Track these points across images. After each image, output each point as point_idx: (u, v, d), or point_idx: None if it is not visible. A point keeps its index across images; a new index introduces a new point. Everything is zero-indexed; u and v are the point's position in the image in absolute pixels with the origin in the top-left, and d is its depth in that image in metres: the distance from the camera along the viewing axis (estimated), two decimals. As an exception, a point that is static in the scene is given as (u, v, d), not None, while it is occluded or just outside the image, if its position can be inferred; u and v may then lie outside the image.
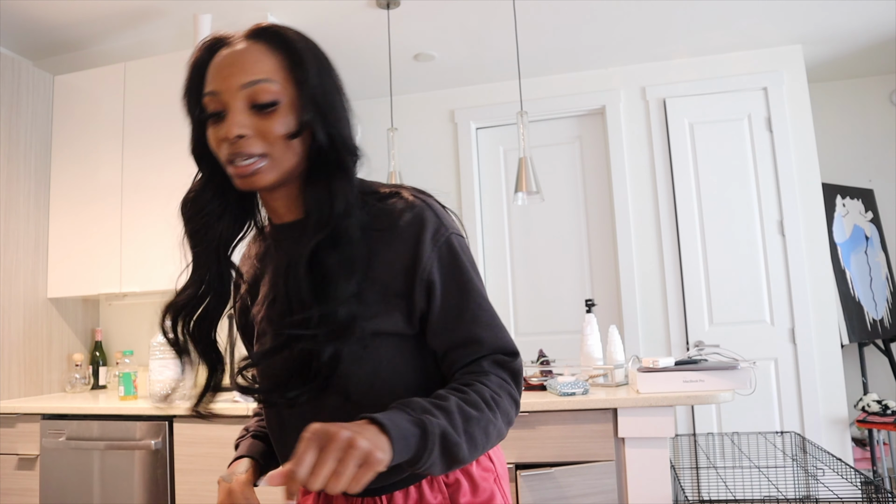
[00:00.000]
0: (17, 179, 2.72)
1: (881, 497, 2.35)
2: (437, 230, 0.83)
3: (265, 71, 0.80)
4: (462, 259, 0.84)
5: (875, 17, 3.01)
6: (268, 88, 0.79)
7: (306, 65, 0.81)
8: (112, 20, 2.84)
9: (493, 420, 0.76)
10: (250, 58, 0.80)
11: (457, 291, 0.83)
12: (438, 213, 0.85)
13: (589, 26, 3.04)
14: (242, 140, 0.79)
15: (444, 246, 0.83)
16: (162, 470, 2.22)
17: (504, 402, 0.79)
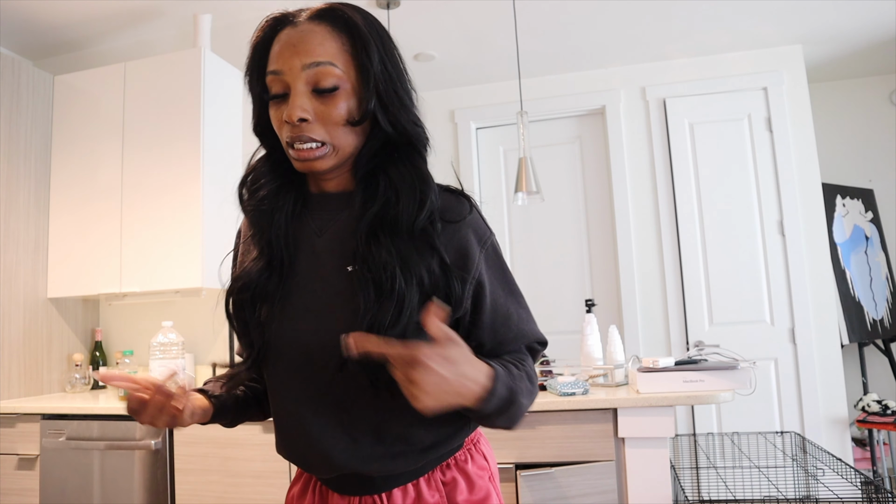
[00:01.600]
0: (17, 179, 2.72)
1: (881, 497, 2.35)
2: (484, 232, 0.87)
3: (328, 53, 0.79)
4: (503, 261, 0.90)
5: (875, 17, 3.01)
6: (330, 72, 0.79)
7: (370, 50, 0.81)
8: (112, 20, 2.84)
9: (533, 398, 0.85)
10: (314, 39, 0.79)
11: (505, 292, 0.89)
12: (482, 215, 0.90)
13: (589, 26, 3.04)
14: (304, 124, 0.79)
15: (490, 248, 0.88)
16: (162, 470, 2.22)
17: (536, 384, 0.88)
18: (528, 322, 0.92)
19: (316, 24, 0.80)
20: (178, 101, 2.67)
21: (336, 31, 0.80)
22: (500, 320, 0.88)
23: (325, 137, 0.80)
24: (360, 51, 0.80)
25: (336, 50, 0.79)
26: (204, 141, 2.61)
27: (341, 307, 0.81)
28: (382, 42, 0.83)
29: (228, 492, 2.18)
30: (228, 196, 0.97)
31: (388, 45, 0.84)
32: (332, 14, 0.81)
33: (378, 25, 0.85)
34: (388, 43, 0.85)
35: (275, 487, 2.13)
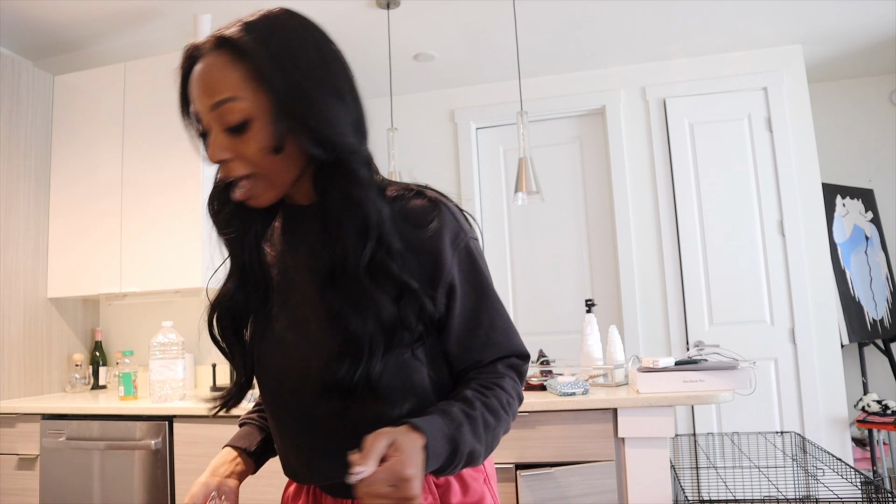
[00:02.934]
0: (17, 179, 2.72)
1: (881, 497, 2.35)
2: (457, 234, 0.83)
3: (230, 87, 0.75)
4: (480, 264, 0.86)
5: (875, 17, 3.01)
6: (233, 108, 0.75)
7: (270, 71, 0.74)
8: (112, 20, 2.84)
9: (506, 425, 0.82)
10: (214, 75, 0.75)
11: (475, 296, 0.84)
12: (457, 216, 0.85)
13: (589, 26, 3.04)
14: (225, 164, 0.77)
15: (464, 251, 0.84)
16: (162, 470, 2.22)
17: (515, 404, 0.84)
18: (502, 332, 0.85)
19: (217, 55, 0.76)
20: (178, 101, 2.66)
21: (236, 59, 0.75)
22: (468, 327, 0.83)
23: (251, 171, 0.77)
24: (262, 74, 0.75)
25: (239, 80, 0.75)
26: (204, 141, 2.61)
27: (318, 329, 0.81)
28: (292, 53, 0.76)
29: (228, 492, 2.17)
30: None
31: (298, 61, 0.77)
32: (228, 42, 0.76)
33: (289, 39, 0.78)
34: (302, 57, 0.77)
35: (274, 487, 2.13)
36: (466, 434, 0.75)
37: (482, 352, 0.84)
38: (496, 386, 0.82)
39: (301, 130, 0.75)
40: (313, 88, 0.77)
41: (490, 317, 0.84)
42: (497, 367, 0.84)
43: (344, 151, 0.77)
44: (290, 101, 0.75)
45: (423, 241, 0.81)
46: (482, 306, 0.84)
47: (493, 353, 0.84)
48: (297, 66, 0.76)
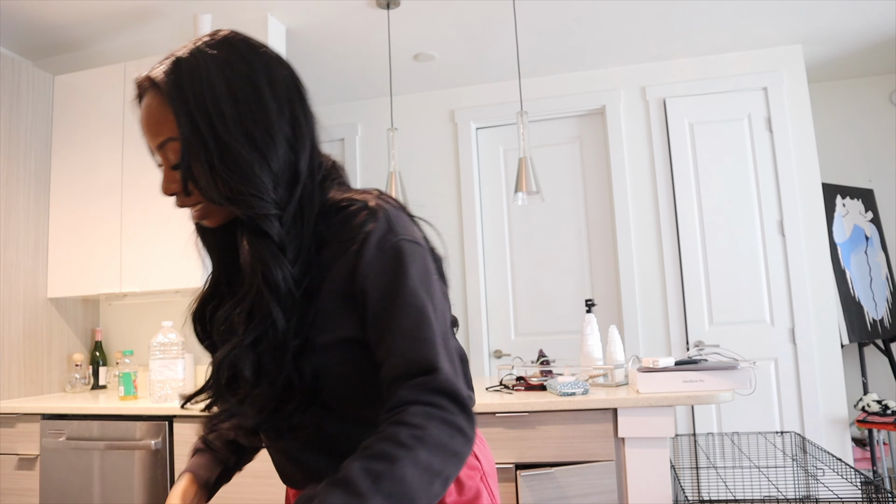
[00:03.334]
0: (17, 179, 2.72)
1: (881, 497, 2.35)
2: (384, 235, 0.76)
3: (166, 129, 0.76)
4: (406, 266, 0.76)
5: (875, 17, 3.01)
6: (171, 148, 0.77)
7: (178, 119, 0.75)
8: (112, 20, 2.84)
9: (416, 459, 0.66)
10: (152, 117, 0.77)
11: (386, 298, 0.75)
12: (391, 218, 0.78)
13: (589, 26, 3.04)
14: (176, 197, 0.80)
15: (390, 251, 0.76)
16: (162, 470, 2.22)
17: (433, 431, 0.68)
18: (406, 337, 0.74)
19: (152, 95, 0.78)
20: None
21: (165, 100, 0.76)
22: (377, 330, 0.76)
23: (196, 201, 0.80)
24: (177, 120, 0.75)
25: (171, 120, 0.76)
26: (204, 141, 2.61)
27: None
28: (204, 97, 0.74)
29: (228, 491, 2.17)
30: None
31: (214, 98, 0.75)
32: (154, 82, 0.78)
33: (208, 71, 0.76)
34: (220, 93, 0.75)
35: (274, 487, 2.13)
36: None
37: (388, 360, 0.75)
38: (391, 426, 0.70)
39: (209, 177, 0.75)
40: (230, 132, 0.75)
41: (396, 321, 0.74)
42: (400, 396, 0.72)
43: (250, 207, 0.75)
44: (199, 149, 0.74)
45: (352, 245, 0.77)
46: (392, 309, 0.75)
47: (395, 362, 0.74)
48: (211, 107, 0.75)
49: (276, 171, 0.77)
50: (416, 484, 0.66)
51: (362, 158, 3.85)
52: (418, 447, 0.67)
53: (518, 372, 2.34)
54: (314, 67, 3.33)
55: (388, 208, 0.79)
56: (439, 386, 0.71)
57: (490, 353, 3.58)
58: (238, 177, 0.74)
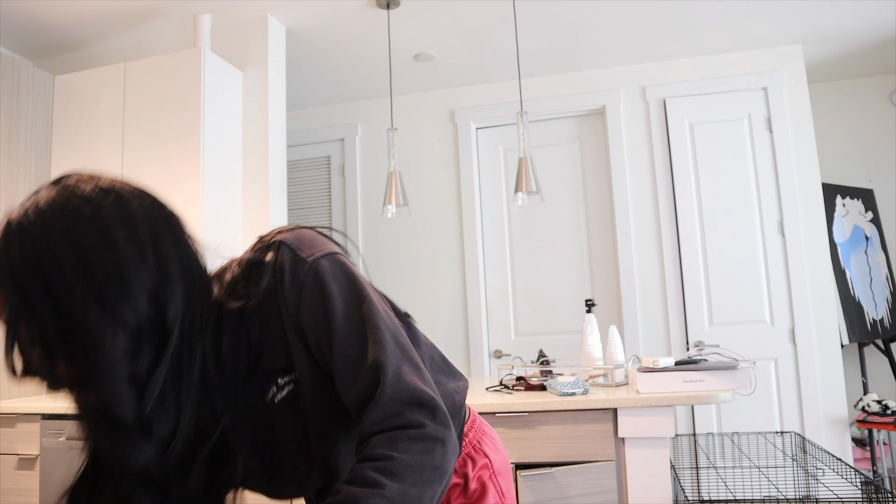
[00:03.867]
0: (17, 179, 2.72)
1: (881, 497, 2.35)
2: (295, 267, 0.71)
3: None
4: (328, 288, 0.71)
5: (875, 17, 3.01)
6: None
7: (8, 297, 0.62)
8: (112, 20, 2.84)
9: (383, 494, 0.61)
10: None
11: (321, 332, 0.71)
12: (293, 246, 0.73)
13: (589, 26, 3.04)
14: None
15: (309, 278, 0.71)
16: (162, 470, 2.22)
17: (401, 458, 0.64)
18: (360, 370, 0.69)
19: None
20: (178, 101, 2.67)
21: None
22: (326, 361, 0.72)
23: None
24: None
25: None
26: (204, 141, 2.62)
27: None
28: (51, 256, 0.61)
29: (228, 492, 2.17)
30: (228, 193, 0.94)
31: (57, 256, 0.61)
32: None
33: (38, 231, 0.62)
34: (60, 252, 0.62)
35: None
36: None
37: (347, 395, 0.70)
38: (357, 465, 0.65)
39: (46, 362, 0.66)
40: (68, 308, 0.62)
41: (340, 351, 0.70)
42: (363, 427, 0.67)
43: (98, 394, 0.67)
44: (32, 327, 0.63)
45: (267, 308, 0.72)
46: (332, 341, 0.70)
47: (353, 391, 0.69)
48: (49, 278, 0.61)
49: (134, 334, 0.64)
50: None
51: (362, 158, 3.85)
52: (386, 482, 0.61)
53: (518, 372, 2.34)
54: (314, 67, 3.33)
55: (288, 240, 0.73)
56: (398, 397, 0.66)
57: (490, 353, 3.58)
58: (82, 358, 0.63)
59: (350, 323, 0.70)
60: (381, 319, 0.71)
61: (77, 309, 0.61)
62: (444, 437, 0.66)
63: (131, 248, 0.64)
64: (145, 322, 0.65)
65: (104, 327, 0.62)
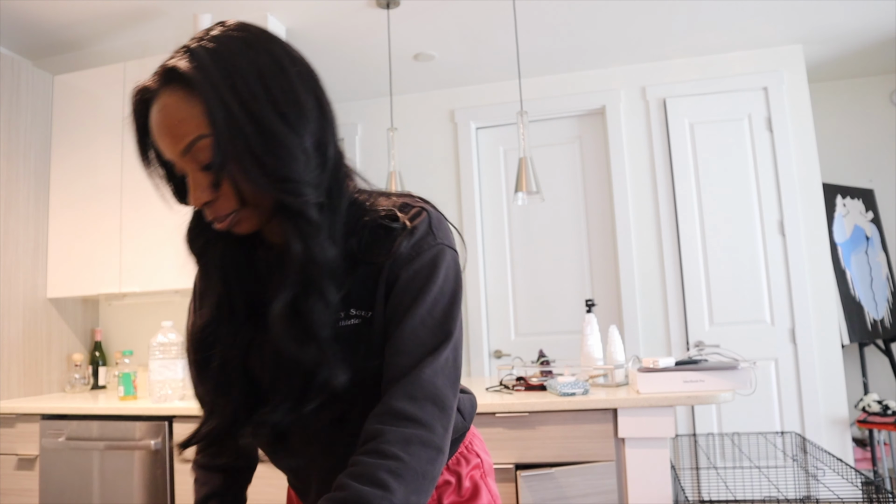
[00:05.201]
0: (17, 179, 2.72)
1: (881, 497, 2.35)
2: (425, 238, 0.77)
3: (192, 128, 0.69)
4: (438, 270, 0.76)
5: (875, 17, 3.01)
6: (203, 146, 0.69)
7: (210, 106, 0.68)
8: (112, 20, 2.84)
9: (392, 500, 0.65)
10: (175, 116, 0.69)
11: (409, 297, 0.75)
12: (434, 224, 0.79)
13: (589, 26, 3.04)
14: (210, 205, 0.73)
15: (430, 253, 0.76)
16: (162, 470, 2.22)
17: (412, 464, 0.68)
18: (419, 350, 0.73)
19: (169, 93, 0.70)
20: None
21: (188, 93, 0.69)
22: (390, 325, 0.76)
23: (233, 207, 0.73)
24: (208, 108, 0.68)
25: (199, 115, 0.68)
26: (204, 141, 2.61)
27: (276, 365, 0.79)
28: (234, 80, 0.69)
29: (228, 492, 2.17)
30: None
31: (243, 79, 0.69)
32: (175, 75, 0.69)
33: (231, 54, 0.70)
34: (248, 74, 0.69)
35: (274, 488, 2.13)
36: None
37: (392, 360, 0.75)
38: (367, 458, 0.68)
39: (250, 167, 0.69)
40: (264, 116, 0.69)
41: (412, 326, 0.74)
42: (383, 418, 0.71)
43: (296, 195, 0.71)
44: (236, 134, 0.68)
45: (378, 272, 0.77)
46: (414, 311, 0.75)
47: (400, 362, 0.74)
48: (245, 91, 0.69)
49: (309, 153, 0.72)
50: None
51: (362, 158, 3.85)
52: (396, 485, 0.66)
53: (518, 372, 2.34)
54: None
55: (431, 212, 0.80)
56: (429, 390, 0.72)
57: (490, 353, 3.58)
58: (280, 162, 0.70)
59: (434, 310, 0.75)
60: (456, 326, 0.77)
61: (269, 120, 0.69)
62: (446, 448, 0.72)
63: (299, 81, 0.74)
64: (315, 143, 0.73)
65: (291, 137, 0.70)
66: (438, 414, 0.71)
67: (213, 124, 0.68)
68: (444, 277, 0.77)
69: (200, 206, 0.73)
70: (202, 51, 0.70)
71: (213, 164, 0.70)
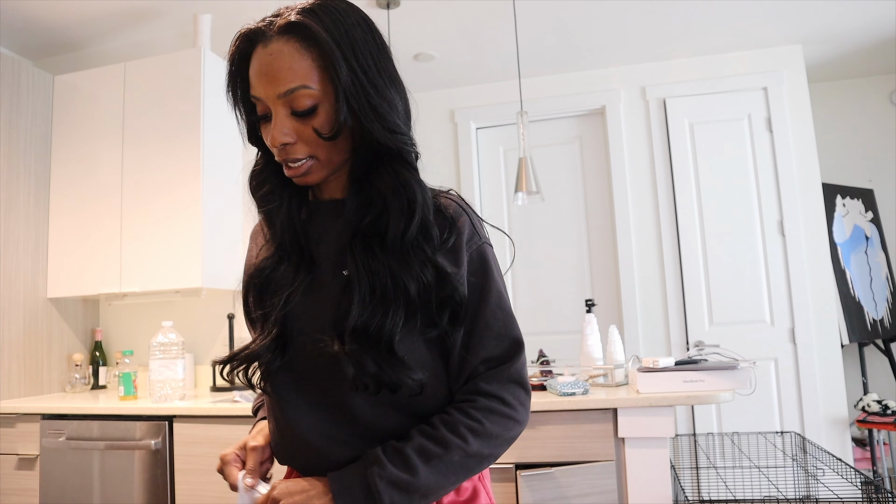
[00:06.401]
0: (17, 179, 2.72)
1: (881, 497, 2.35)
2: (472, 237, 0.87)
3: (300, 76, 0.78)
4: (491, 267, 0.87)
5: (875, 17, 3.01)
6: (304, 94, 0.78)
7: (336, 62, 0.78)
8: (112, 20, 2.84)
9: (464, 449, 0.79)
10: (284, 63, 0.78)
11: (477, 297, 0.85)
12: (475, 221, 0.89)
13: (589, 26, 3.04)
14: (288, 147, 0.81)
15: (476, 252, 0.87)
16: (162, 470, 2.22)
17: (488, 427, 0.81)
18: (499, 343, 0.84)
19: (284, 41, 0.78)
20: (178, 101, 2.67)
21: (305, 46, 0.78)
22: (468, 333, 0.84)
23: (310, 153, 0.82)
24: (329, 64, 0.78)
25: (307, 68, 0.78)
26: (204, 141, 2.62)
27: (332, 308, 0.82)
28: (354, 47, 0.79)
29: (228, 492, 2.17)
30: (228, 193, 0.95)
31: (360, 49, 0.80)
32: (297, 28, 0.78)
33: (350, 26, 0.80)
34: (363, 45, 0.81)
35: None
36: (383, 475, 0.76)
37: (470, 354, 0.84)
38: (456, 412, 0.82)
39: (355, 120, 0.79)
40: (372, 84, 0.80)
41: (486, 319, 0.84)
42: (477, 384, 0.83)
43: (395, 144, 0.81)
44: (348, 93, 0.78)
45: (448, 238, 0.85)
46: (481, 308, 0.85)
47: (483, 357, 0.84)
48: (360, 53, 0.80)
49: (402, 116, 0.84)
50: (461, 468, 0.80)
51: (362, 158, 3.85)
52: (472, 439, 0.79)
53: (518, 372, 2.33)
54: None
55: (469, 210, 0.89)
56: (512, 376, 0.84)
57: (490, 353, 3.58)
58: (392, 116, 0.81)
59: (501, 302, 0.86)
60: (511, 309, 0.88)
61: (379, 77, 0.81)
62: (524, 422, 0.86)
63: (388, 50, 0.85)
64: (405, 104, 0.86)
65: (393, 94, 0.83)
66: (523, 395, 0.86)
67: (338, 78, 0.78)
68: (497, 270, 0.88)
69: (278, 146, 0.81)
70: (326, 15, 0.79)
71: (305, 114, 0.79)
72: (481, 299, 0.85)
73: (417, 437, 0.79)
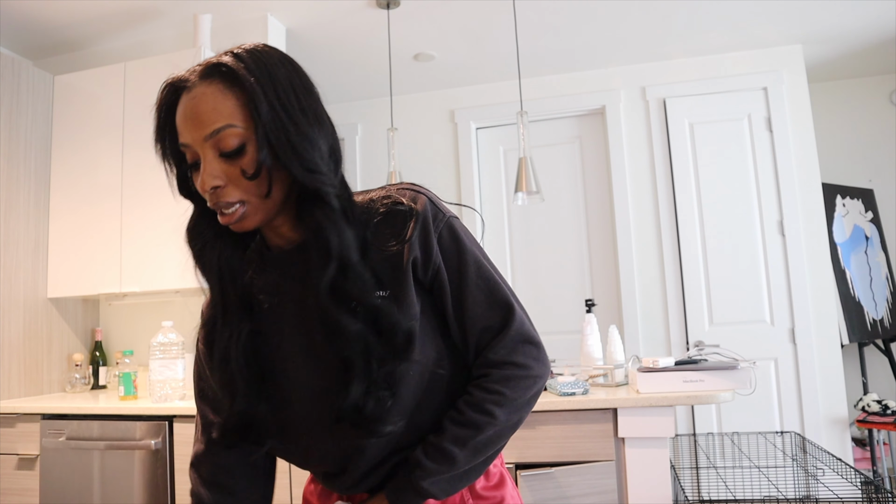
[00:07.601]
0: (17, 179, 2.72)
1: (881, 497, 2.35)
2: (435, 217, 0.85)
3: (224, 115, 0.77)
4: (461, 239, 0.86)
5: (875, 17, 3.02)
6: (230, 133, 0.77)
7: (256, 100, 0.77)
8: (112, 20, 2.84)
9: (494, 424, 0.83)
10: (208, 104, 0.77)
11: (456, 275, 0.85)
12: (433, 199, 0.87)
13: (589, 26, 3.04)
14: (219, 190, 0.79)
15: (445, 229, 0.85)
16: (162, 470, 2.22)
17: (510, 395, 0.83)
18: (490, 313, 0.85)
19: (207, 84, 0.79)
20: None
21: (228, 86, 0.78)
22: (457, 308, 0.85)
23: (242, 197, 0.79)
24: (249, 103, 0.77)
25: (232, 107, 0.77)
26: (204, 141, 2.61)
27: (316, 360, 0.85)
28: (275, 85, 0.79)
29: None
30: None
31: (283, 86, 0.79)
32: (219, 70, 0.79)
33: (272, 66, 0.80)
34: (286, 83, 0.80)
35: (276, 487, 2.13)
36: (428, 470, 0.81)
37: (473, 332, 0.85)
38: (476, 390, 0.84)
39: (287, 154, 0.77)
40: (298, 114, 0.79)
41: (472, 294, 0.85)
42: (487, 357, 0.85)
43: (318, 179, 0.79)
44: (268, 130, 0.77)
45: (408, 239, 0.83)
46: (463, 284, 0.85)
47: (481, 329, 0.85)
48: (282, 91, 0.79)
49: (325, 155, 0.81)
50: (497, 438, 0.84)
51: (362, 158, 3.85)
52: (498, 412, 0.83)
53: (518, 372, 2.33)
54: (314, 67, 3.31)
55: (426, 193, 0.87)
56: (516, 336, 0.85)
57: (490, 353, 3.58)
58: (311, 156, 0.78)
59: (481, 271, 0.86)
60: (498, 273, 0.88)
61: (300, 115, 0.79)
62: (544, 374, 0.87)
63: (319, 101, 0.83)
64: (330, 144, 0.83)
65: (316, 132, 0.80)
66: (532, 349, 0.86)
67: (259, 116, 0.76)
68: (469, 241, 0.87)
69: (208, 190, 0.78)
70: (247, 56, 0.80)
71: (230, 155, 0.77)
72: (461, 277, 0.85)
73: (450, 427, 0.83)
